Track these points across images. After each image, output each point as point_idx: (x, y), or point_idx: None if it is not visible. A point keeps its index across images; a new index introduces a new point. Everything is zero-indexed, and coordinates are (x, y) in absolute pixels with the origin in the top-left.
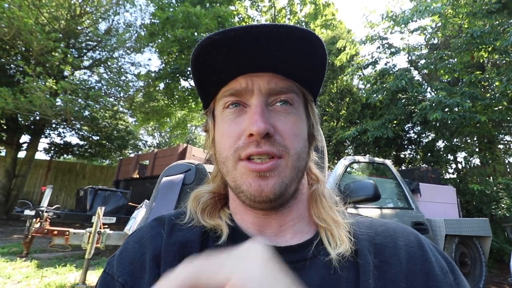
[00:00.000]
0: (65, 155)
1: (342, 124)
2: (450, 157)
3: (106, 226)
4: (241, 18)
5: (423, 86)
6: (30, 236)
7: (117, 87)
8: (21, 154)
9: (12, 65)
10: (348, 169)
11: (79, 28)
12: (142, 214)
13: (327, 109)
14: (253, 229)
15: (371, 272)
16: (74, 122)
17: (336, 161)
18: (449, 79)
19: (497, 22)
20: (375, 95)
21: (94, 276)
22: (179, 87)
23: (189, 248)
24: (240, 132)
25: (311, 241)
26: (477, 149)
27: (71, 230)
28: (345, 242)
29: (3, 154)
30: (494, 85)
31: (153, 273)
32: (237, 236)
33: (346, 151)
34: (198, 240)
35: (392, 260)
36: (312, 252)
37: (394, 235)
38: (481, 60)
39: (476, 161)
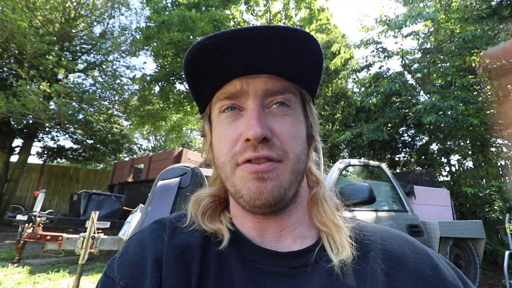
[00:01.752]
0: (58, 159)
1: (337, 127)
2: (444, 160)
3: (100, 231)
4: (237, 22)
5: (417, 90)
6: (22, 242)
7: (111, 91)
8: (14, 158)
9: (5, 68)
10: (343, 172)
11: (73, 31)
12: (137, 218)
13: (322, 113)
14: (254, 233)
15: (379, 279)
16: (67, 125)
17: (331, 164)
18: (442, 83)
19: (488, 27)
20: (369, 98)
21: (87, 282)
22: (175, 90)
23: (191, 252)
24: (237, 136)
25: (313, 247)
26: (470, 152)
27: (65, 235)
28: (346, 248)
29: None
30: (486, 88)
31: (154, 277)
32: (238, 240)
33: (341, 154)
34: (199, 244)
35: (401, 267)
36: (314, 258)
37: (399, 241)
38: (473, 64)
39: (469, 163)
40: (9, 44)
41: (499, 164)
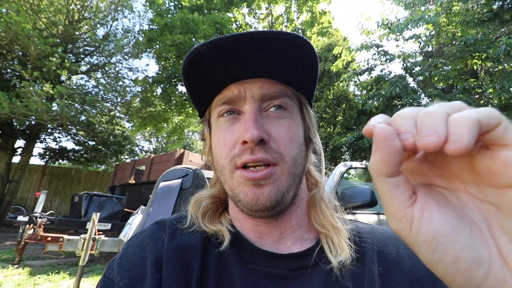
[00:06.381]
0: (60, 160)
1: (339, 130)
2: None
3: (101, 232)
4: (239, 25)
5: (418, 93)
6: (23, 243)
7: (114, 92)
8: (16, 159)
9: (8, 70)
10: (345, 175)
11: (77, 33)
12: (138, 220)
13: (324, 115)
14: (253, 235)
15: (376, 281)
16: (70, 127)
17: (332, 167)
18: (443, 86)
19: (489, 31)
20: (371, 101)
21: (87, 284)
22: (177, 92)
23: (191, 253)
24: (235, 140)
25: (313, 249)
26: None
27: (65, 236)
28: (345, 250)
29: None
30: (488, 92)
31: (154, 278)
32: (238, 242)
33: (343, 157)
34: (199, 245)
35: (395, 268)
36: (314, 260)
37: (395, 242)
38: (475, 68)
39: None
40: (13, 45)
41: None
